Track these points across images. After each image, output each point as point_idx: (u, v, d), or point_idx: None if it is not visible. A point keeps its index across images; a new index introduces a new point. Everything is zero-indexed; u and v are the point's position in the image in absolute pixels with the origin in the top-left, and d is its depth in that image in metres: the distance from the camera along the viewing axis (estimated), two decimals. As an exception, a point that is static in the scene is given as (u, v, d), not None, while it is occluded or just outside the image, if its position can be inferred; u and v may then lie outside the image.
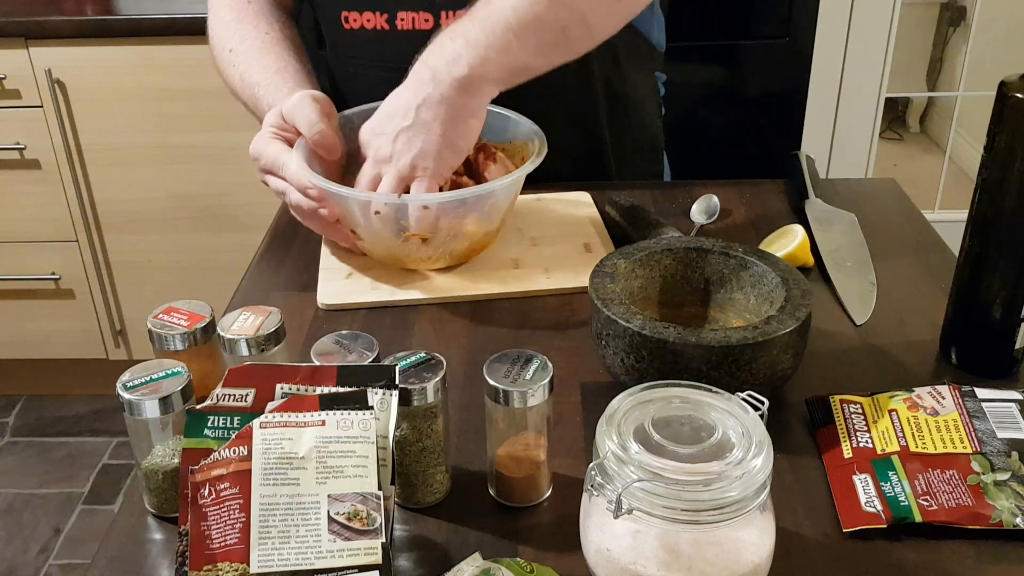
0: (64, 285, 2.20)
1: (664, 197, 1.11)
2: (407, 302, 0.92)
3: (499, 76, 0.88)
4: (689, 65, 1.90)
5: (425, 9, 1.04)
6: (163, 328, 0.73)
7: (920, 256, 1.00)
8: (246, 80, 1.04)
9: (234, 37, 1.07)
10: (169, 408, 0.64)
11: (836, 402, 0.75)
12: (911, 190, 1.16)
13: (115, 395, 0.64)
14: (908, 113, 3.38)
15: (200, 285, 2.16)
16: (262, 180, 0.97)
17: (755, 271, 0.80)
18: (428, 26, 1.04)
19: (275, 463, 0.58)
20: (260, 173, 0.97)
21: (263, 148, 0.94)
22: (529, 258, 0.98)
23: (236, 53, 1.06)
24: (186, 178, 2.07)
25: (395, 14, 1.05)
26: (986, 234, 0.77)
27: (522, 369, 0.64)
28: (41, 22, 1.93)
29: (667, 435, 0.57)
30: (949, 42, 3.14)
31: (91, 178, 2.09)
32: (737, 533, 0.56)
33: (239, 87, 1.06)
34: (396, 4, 1.05)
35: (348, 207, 0.91)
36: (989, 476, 0.66)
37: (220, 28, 1.09)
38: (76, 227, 2.13)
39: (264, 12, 1.09)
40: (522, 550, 0.64)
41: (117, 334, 2.27)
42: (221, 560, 0.55)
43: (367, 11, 1.06)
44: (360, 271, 0.96)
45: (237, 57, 1.06)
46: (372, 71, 1.08)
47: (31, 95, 2.00)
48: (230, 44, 1.07)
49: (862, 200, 1.10)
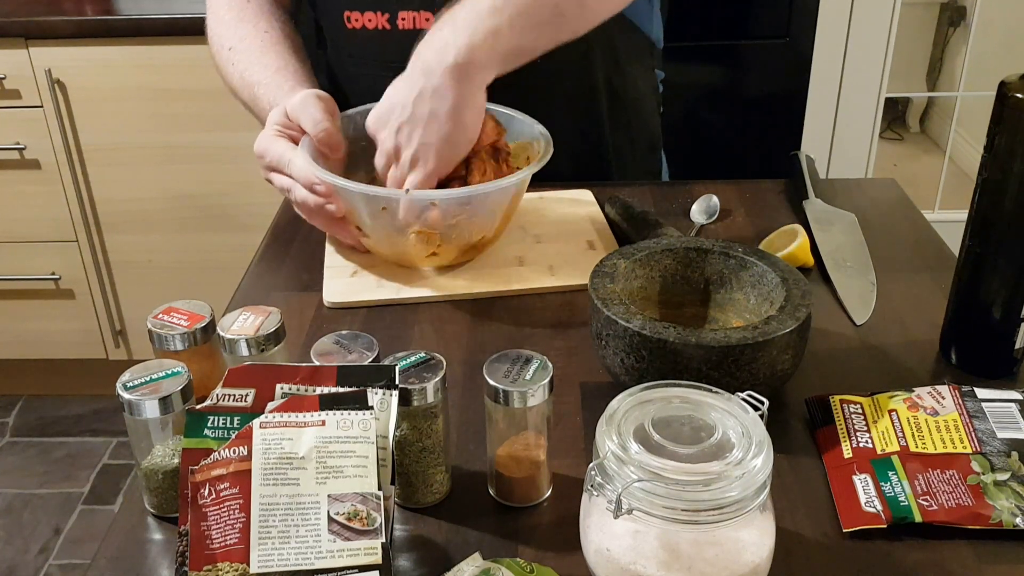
0: (64, 285, 2.20)
1: (664, 197, 1.11)
2: (413, 300, 0.93)
3: (491, 61, 0.86)
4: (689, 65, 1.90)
5: (426, 8, 1.04)
6: (163, 328, 0.73)
7: (920, 256, 1.00)
8: (246, 79, 1.04)
9: (234, 36, 1.07)
10: (169, 408, 0.64)
11: (836, 402, 0.75)
12: (911, 190, 1.16)
13: (115, 395, 0.64)
14: (908, 113, 3.38)
15: (200, 285, 2.16)
16: (266, 178, 0.97)
17: (755, 271, 0.80)
18: (429, 25, 1.04)
19: (275, 463, 0.58)
20: (264, 171, 0.97)
21: (268, 145, 0.95)
22: (533, 256, 0.99)
23: (236, 52, 1.06)
24: (186, 178, 2.07)
25: (396, 13, 1.05)
26: (986, 234, 0.77)
27: (522, 369, 0.64)
28: (41, 22, 1.93)
29: (667, 435, 0.57)
30: (949, 42, 3.14)
31: (91, 178, 2.09)
32: (737, 533, 0.56)
33: (239, 86, 1.06)
34: (398, 4, 1.05)
35: (354, 202, 0.91)
36: (989, 476, 0.66)
37: (220, 27, 1.09)
38: (76, 227, 2.13)
39: (264, 11, 1.09)
40: (522, 550, 0.64)
41: (117, 334, 2.27)
42: (221, 560, 0.55)
43: (368, 11, 1.06)
44: (365, 269, 0.97)
45: (237, 56, 1.06)
46: (373, 70, 1.08)
47: (31, 95, 2.00)
48: (230, 43, 1.07)
49: (862, 200, 1.10)
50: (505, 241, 1.01)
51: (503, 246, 1.00)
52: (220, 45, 1.08)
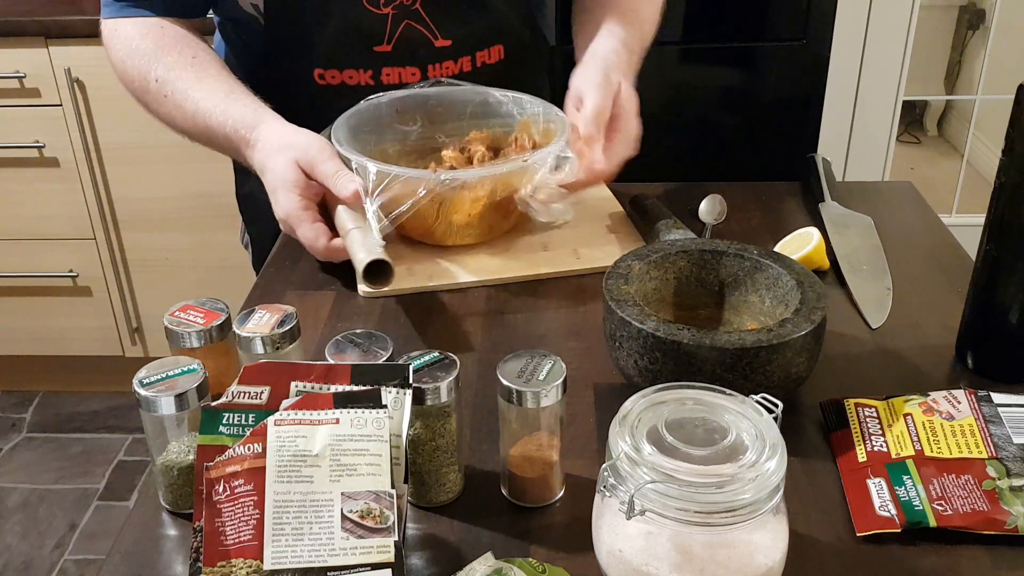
0: (81, 282, 2.21)
1: (677, 198, 1.10)
2: (445, 287, 0.95)
3: None
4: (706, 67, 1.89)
5: (411, 64, 1.05)
6: (179, 325, 0.74)
7: (937, 260, 0.99)
8: (187, 110, 1.00)
9: (159, 66, 1.01)
10: (185, 405, 0.64)
11: (851, 406, 0.74)
12: (928, 193, 1.15)
13: (131, 392, 0.65)
14: (926, 116, 3.36)
15: (216, 283, 2.17)
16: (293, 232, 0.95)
17: (770, 273, 0.80)
18: (416, 79, 1.06)
19: (289, 460, 0.58)
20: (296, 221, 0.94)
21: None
22: (557, 241, 1.02)
23: (166, 83, 1.01)
24: (203, 177, 2.08)
25: (380, 70, 1.05)
26: (1003, 238, 0.76)
27: (535, 369, 0.65)
28: (61, 21, 1.95)
29: (680, 437, 0.57)
30: (968, 45, 3.12)
31: (109, 176, 2.11)
32: (750, 536, 0.56)
33: (179, 118, 1.01)
34: (382, 60, 1.05)
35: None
36: (1004, 481, 0.66)
37: (136, 59, 1.03)
38: (94, 225, 2.15)
39: (183, 36, 1.04)
40: (534, 550, 0.64)
41: (134, 331, 2.28)
42: (235, 556, 0.56)
43: (349, 69, 1.05)
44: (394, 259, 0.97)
45: (169, 87, 1.01)
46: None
47: (51, 94, 2.02)
48: (155, 73, 1.01)
49: (878, 203, 1.10)
50: (528, 228, 1.03)
51: (526, 233, 1.03)
52: (143, 78, 1.02)
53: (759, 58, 1.90)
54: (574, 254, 0.99)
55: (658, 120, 1.93)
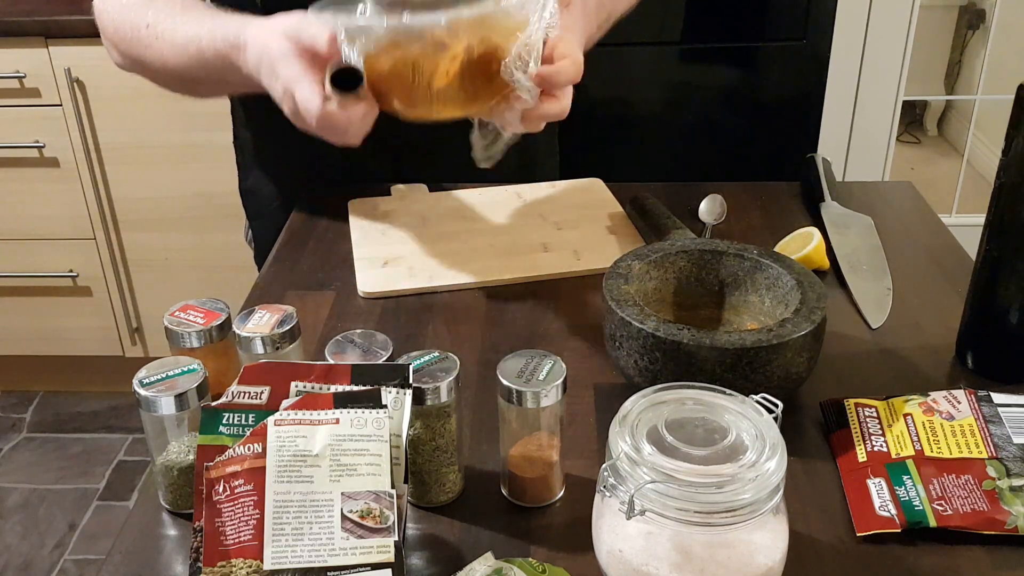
0: (81, 282, 2.21)
1: (677, 198, 1.10)
2: (445, 287, 0.94)
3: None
4: (706, 67, 1.90)
5: None
6: (179, 325, 0.74)
7: (937, 260, 0.99)
8: (177, 42, 0.97)
9: (148, 12, 1.00)
10: (185, 405, 0.64)
11: (851, 405, 0.74)
12: (928, 193, 1.15)
13: (131, 392, 0.65)
14: (926, 116, 3.36)
15: (216, 283, 2.17)
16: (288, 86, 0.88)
17: (770, 273, 0.80)
18: None
19: (289, 460, 0.58)
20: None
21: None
22: (557, 242, 1.02)
23: (156, 24, 0.98)
24: (203, 177, 2.08)
25: None
26: (1004, 238, 0.76)
27: (535, 369, 0.65)
28: (61, 21, 1.95)
29: (680, 437, 0.57)
30: (968, 45, 3.12)
31: (109, 176, 2.11)
32: (750, 536, 0.56)
33: (171, 56, 0.98)
34: None
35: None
36: (1005, 481, 0.66)
37: (128, 12, 1.02)
38: (94, 225, 2.15)
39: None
40: (534, 550, 0.64)
41: (134, 331, 2.28)
42: (235, 556, 0.56)
43: None
44: (394, 259, 0.98)
45: (159, 27, 0.98)
46: None
47: (50, 94, 2.02)
48: (145, 20, 1.00)
49: (878, 203, 1.10)
50: (527, 229, 1.03)
51: (526, 234, 1.03)
52: (134, 28, 1.00)
53: (759, 58, 1.90)
54: (574, 255, 0.99)
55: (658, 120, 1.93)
